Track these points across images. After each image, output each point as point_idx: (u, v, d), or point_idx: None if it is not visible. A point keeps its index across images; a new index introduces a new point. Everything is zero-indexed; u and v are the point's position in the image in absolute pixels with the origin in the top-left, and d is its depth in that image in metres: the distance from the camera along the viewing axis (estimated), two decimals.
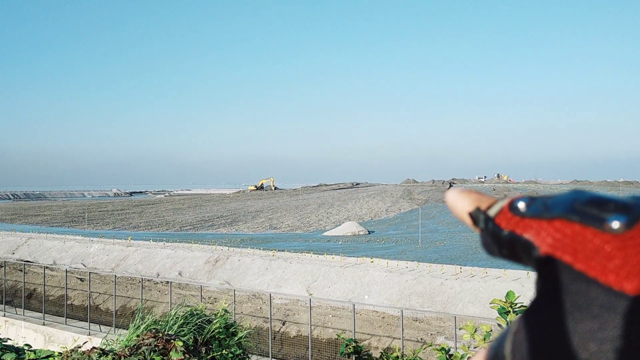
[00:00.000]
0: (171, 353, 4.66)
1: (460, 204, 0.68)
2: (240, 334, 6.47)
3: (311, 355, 25.33)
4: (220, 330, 6.24)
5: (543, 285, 0.51)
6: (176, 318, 6.39)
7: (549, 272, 0.51)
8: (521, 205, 0.59)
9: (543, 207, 0.56)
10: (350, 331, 23.50)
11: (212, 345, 5.99)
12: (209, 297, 35.16)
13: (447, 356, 4.13)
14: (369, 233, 66.74)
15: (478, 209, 0.65)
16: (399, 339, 23.58)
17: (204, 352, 5.70)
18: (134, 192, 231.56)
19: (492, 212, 0.62)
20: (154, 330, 5.20)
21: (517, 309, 4.05)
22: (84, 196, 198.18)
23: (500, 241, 0.59)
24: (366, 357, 4.57)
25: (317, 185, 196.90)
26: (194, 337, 5.98)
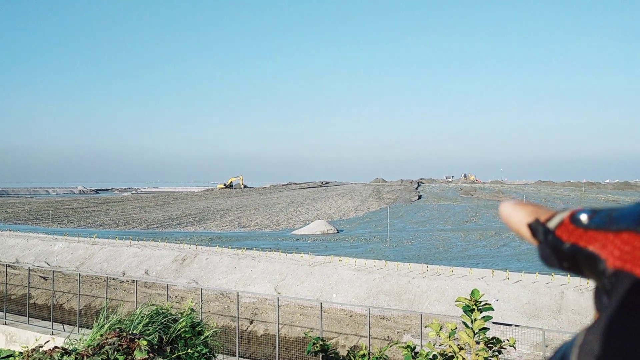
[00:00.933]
0: (135, 352, 4.58)
1: (517, 216, 0.68)
2: (206, 333, 6.41)
3: (278, 354, 25.28)
4: (187, 329, 6.17)
5: (614, 299, 0.49)
6: (141, 317, 6.29)
7: (618, 285, 0.49)
8: (584, 217, 0.58)
9: (608, 219, 0.54)
10: (318, 330, 23.53)
11: (177, 345, 5.92)
12: (176, 296, 34.78)
13: (413, 354, 4.15)
14: (338, 232, 66.97)
15: (537, 221, 0.63)
16: (366, 337, 23.70)
17: (169, 351, 5.63)
18: (100, 190, 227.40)
19: (552, 225, 0.61)
20: (118, 330, 5.11)
21: (481, 307, 4.09)
22: (48, 193, 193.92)
23: (561, 254, 0.58)
24: (333, 355, 4.57)
25: (287, 184, 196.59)
26: (159, 336, 5.89)
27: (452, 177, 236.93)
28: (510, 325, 17.29)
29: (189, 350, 5.78)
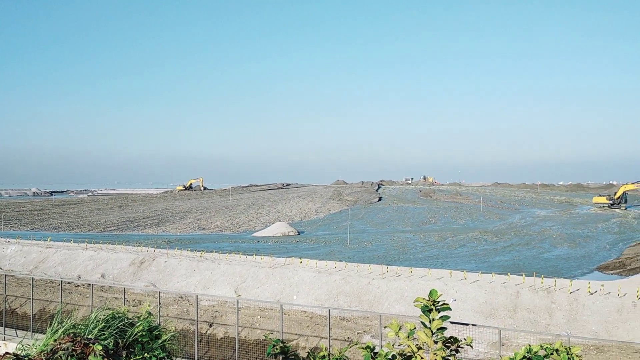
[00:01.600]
0: (90, 357, 4.47)
1: None
2: (164, 337, 6.30)
3: (238, 357, 25.08)
4: (144, 333, 6.05)
5: None
6: (97, 321, 6.15)
7: None
8: None
9: None
10: (279, 332, 23.46)
11: (134, 349, 5.80)
12: (134, 300, 34.14)
13: (372, 354, 4.17)
14: (299, 233, 67.04)
15: None
16: (327, 338, 23.74)
17: (125, 355, 5.51)
18: (54, 192, 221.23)
19: None
20: (72, 334, 4.98)
21: (439, 307, 4.15)
22: (1, 195, 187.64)
23: None
24: (293, 357, 4.56)
25: (248, 186, 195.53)
26: (115, 341, 5.76)
27: (412, 179, 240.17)
28: (467, 324, 17.60)
29: (146, 355, 5.67)
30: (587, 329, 26.58)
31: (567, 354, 3.91)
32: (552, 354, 3.99)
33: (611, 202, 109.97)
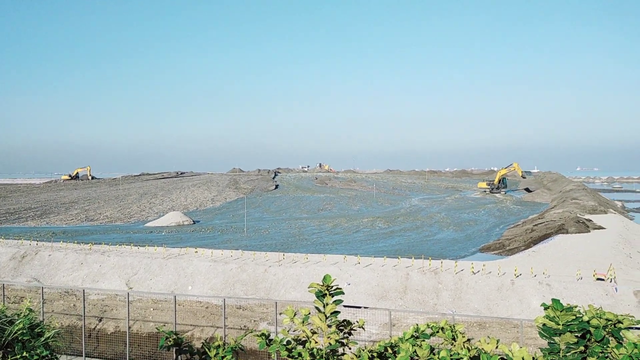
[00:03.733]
0: None
1: None
2: (47, 334, 5.95)
3: (130, 351, 24.25)
4: (24, 331, 5.69)
5: None
6: None
7: None
8: None
9: None
10: (172, 324, 22.94)
11: (14, 348, 5.44)
12: (15, 297, 31.98)
13: (267, 341, 4.20)
14: (194, 223, 65.81)
15: None
16: (222, 328, 23.55)
17: (1, 356, 5.16)
18: None
19: None
20: None
21: (333, 292, 4.24)
22: None
23: None
24: (187, 348, 4.47)
25: (139, 175, 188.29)
26: None
27: (308, 166, 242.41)
28: (360, 307, 18.18)
29: (27, 354, 5.34)
30: (470, 307, 28.34)
31: (452, 331, 4.15)
32: (438, 331, 4.21)
33: (490, 187, 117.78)
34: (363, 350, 4.09)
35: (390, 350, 4.07)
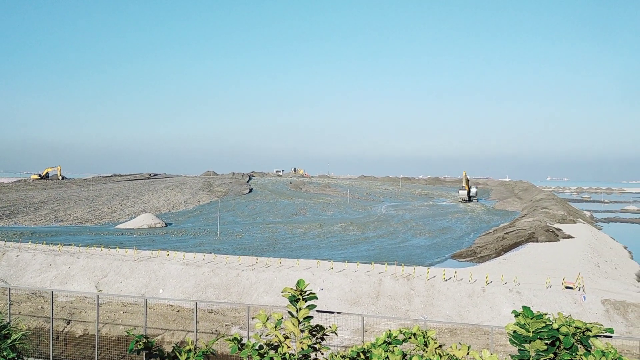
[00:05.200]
0: None
1: None
2: (14, 337, 5.82)
3: (98, 355, 23.84)
4: None
5: None
6: None
7: None
8: None
9: None
10: (143, 327, 22.64)
11: None
12: None
13: (239, 346, 4.16)
14: (166, 225, 65.17)
15: None
16: (194, 332, 23.32)
17: None
18: None
19: None
20: None
21: (306, 296, 4.23)
22: None
23: None
24: (157, 352, 4.40)
25: (111, 176, 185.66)
26: None
27: (283, 170, 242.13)
28: (333, 312, 18.18)
29: None
30: (442, 313, 28.57)
31: (424, 337, 4.17)
32: (410, 337, 4.23)
33: (468, 196, 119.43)
34: (335, 355, 4.09)
35: (362, 356, 4.07)
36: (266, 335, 4.38)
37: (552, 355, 3.48)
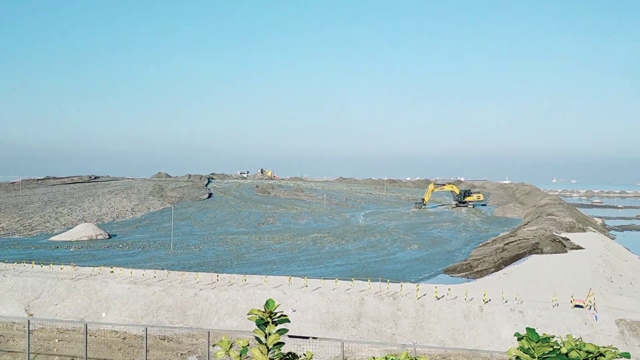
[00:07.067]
0: None
1: None
2: None
3: None
4: None
5: None
6: None
7: None
8: None
9: None
10: (82, 357, 22.38)
11: None
12: None
13: None
14: (110, 237, 64.48)
15: None
16: None
17: None
18: None
19: None
20: None
21: (276, 319, 4.22)
22: None
23: None
24: None
25: (44, 179, 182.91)
26: None
27: (247, 172, 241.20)
28: (307, 338, 18.18)
29: None
30: (433, 337, 28.78)
31: None
32: None
33: (457, 200, 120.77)
34: None
35: None
36: None
37: None
